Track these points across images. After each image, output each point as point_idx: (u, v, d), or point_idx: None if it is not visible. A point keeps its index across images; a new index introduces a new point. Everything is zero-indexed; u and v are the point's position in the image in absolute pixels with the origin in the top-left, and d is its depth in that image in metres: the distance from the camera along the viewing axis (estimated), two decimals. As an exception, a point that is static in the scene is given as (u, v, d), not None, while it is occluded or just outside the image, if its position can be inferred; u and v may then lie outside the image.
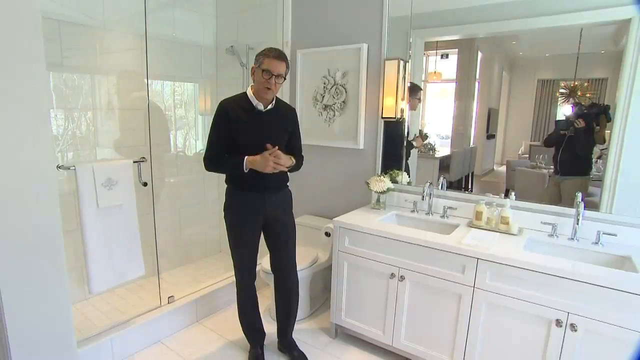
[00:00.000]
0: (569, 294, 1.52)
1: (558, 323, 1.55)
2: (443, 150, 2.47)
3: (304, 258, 2.42)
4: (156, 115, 3.02)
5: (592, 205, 1.88)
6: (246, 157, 1.81)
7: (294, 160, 1.96)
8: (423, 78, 2.42)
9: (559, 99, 1.99)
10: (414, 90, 2.40)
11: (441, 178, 2.39)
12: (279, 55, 1.80)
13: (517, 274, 1.62)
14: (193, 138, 3.35)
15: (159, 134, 3.05)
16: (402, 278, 1.93)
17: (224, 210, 1.97)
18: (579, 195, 1.86)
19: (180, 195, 3.25)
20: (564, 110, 1.97)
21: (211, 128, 1.89)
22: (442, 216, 2.21)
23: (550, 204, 1.99)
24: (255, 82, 1.83)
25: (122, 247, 1.99)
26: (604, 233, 1.79)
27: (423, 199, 2.18)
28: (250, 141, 1.85)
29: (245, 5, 3.09)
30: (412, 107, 2.42)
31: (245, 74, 3.07)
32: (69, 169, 1.79)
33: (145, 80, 2.41)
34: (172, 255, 3.25)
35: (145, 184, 2.10)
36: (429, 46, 2.31)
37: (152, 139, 2.94)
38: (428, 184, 2.19)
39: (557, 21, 1.79)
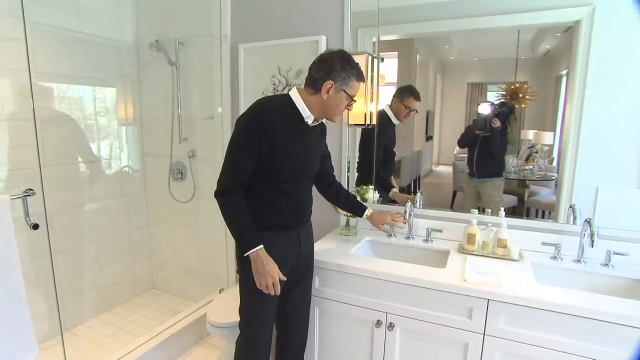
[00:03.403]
0: (608, 340, 1.23)
1: (593, 375, 1.25)
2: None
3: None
4: (63, 127, 2.37)
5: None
6: (262, 246, 1.35)
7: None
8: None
9: (497, 100, 1.90)
10: (403, 96, 2.06)
11: (419, 194, 2.07)
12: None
13: (537, 316, 1.30)
14: (111, 153, 2.71)
15: (69, 150, 2.40)
16: (391, 326, 1.54)
17: (240, 260, 1.40)
18: (573, 208, 1.63)
19: (97, 225, 2.60)
20: (482, 109, 1.91)
21: (237, 142, 1.34)
22: (426, 240, 1.86)
23: (543, 219, 1.82)
24: (327, 100, 1.38)
25: (-3, 323, 1.37)
26: (614, 252, 1.55)
27: (405, 222, 1.82)
28: (295, 169, 1.39)
29: (171, -9, 2.55)
30: (399, 117, 2.07)
31: (175, 74, 2.52)
32: None
33: (29, 81, 1.77)
34: (91, 301, 2.59)
35: (36, 227, 1.50)
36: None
37: (57, 157, 2.30)
38: (409, 203, 1.83)
39: (491, 22, 1.78)
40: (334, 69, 1.35)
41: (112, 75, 2.63)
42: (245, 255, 1.35)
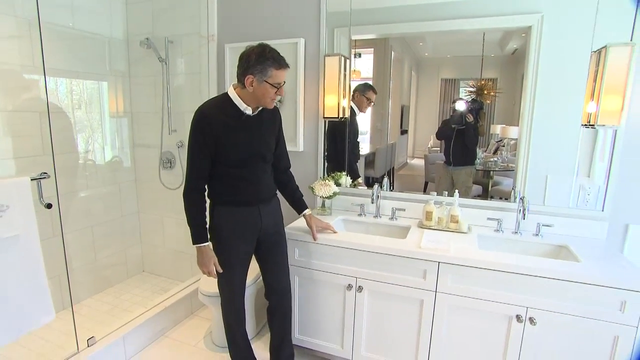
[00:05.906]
0: (527, 289, 1.55)
1: (518, 318, 1.57)
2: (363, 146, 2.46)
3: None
4: (58, 118, 2.53)
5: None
6: (207, 243, 1.63)
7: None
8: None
9: (467, 97, 2.11)
10: (365, 90, 2.31)
11: (385, 179, 2.35)
12: (286, 62, 1.54)
13: (477, 274, 1.61)
14: (102, 144, 2.88)
15: (63, 140, 2.57)
16: (360, 289, 1.83)
17: (209, 231, 1.66)
18: (514, 190, 1.94)
19: (92, 211, 2.79)
20: (458, 106, 2.11)
21: (190, 147, 1.56)
22: (391, 218, 2.15)
23: (487, 199, 2.10)
24: (254, 92, 1.52)
25: (21, 290, 1.57)
26: (543, 225, 1.88)
27: (373, 202, 2.10)
28: (242, 156, 1.58)
29: (160, -8, 2.72)
30: (361, 108, 2.33)
31: (165, 71, 2.71)
32: None
33: (37, 76, 1.95)
34: (86, 282, 2.78)
35: (49, 206, 1.70)
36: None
37: (55, 147, 2.46)
38: (377, 186, 2.11)
39: (457, 25, 1.94)
40: (250, 63, 1.48)
41: (103, 70, 2.79)
42: (194, 245, 1.63)
